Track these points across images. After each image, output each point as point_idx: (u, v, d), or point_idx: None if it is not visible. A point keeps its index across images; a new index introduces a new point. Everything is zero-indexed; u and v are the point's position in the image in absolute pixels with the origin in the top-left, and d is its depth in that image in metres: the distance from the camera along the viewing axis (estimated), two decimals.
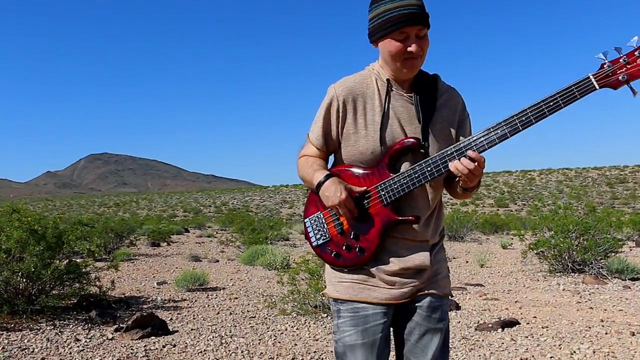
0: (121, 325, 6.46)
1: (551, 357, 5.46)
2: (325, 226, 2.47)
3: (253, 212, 68.12)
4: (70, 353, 5.55)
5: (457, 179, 2.37)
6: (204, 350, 5.73)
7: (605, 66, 2.17)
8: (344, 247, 2.42)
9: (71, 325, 6.65)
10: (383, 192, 2.36)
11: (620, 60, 2.17)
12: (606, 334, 6.33)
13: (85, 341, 5.99)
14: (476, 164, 2.26)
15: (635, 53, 2.15)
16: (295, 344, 5.95)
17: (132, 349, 5.69)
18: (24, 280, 6.99)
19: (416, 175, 2.33)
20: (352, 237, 2.41)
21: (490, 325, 6.64)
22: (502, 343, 5.99)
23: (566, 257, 11.11)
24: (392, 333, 2.50)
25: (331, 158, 2.58)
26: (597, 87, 2.16)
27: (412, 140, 2.35)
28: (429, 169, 2.32)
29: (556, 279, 10.56)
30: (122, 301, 8.11)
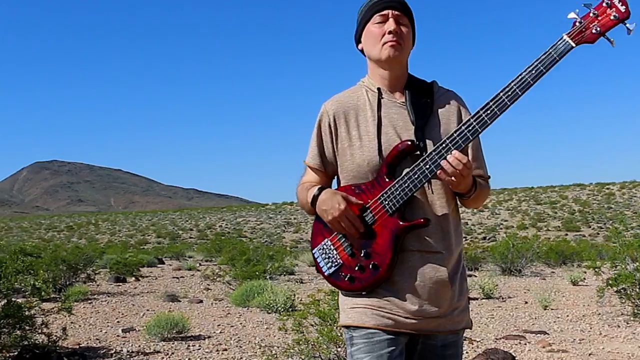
0: None
1: None
2: (335, 252, 2.87)
3: (247, 237, 68.23)
4: None
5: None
6: None
7: (577, 23, 2.62)
8: (356, 269, 2.79)
9: None
10: (386, 202, 2.76)
11: (590, 14, 2.62)
12: None
13: None
14: (464, 161, 2.65)
15: (603, 4, 2.60)
16: None
17: None
18: None
19: (416, 176, 2.71)
20: (363, 256, 2.79)
21: None
22: None
23: None
24: None
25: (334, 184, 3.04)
26: (573, 44, 2.61)
27: (406, 143, 2.76)
28: (427, 166, 2.70)
29: None
30: (77, 354, 8.14)
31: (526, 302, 14.09)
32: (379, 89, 2.92)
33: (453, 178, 2.65)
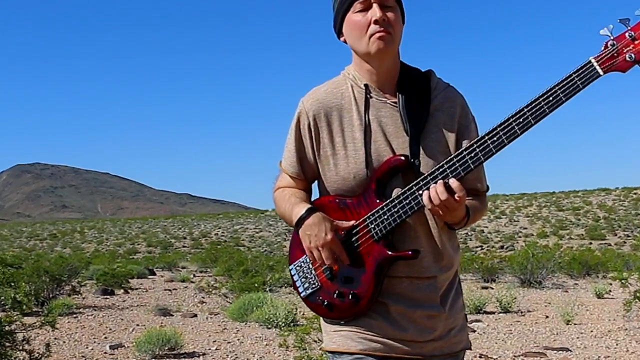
0: None
1: None
2: (313, 272, 2.75)
3: (245, 246, 68.26)
4: None
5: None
6: None
7: (609, 45, 2.35)
8: (335, 295, 2.68)
9: None
10: (373, 226, 2.61)
11: (626, 35, 2.34)
12: None
13: None
14: (455, 195, 2.47)
15: None
16: None
17: None
18: None
19: (407, 201, 2.56)
20: (343, 282, 2.67)
21: None
22: None
23: None
24: None
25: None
26: (601, 72, 2.35)
27: (399, 159, 2.59)
28: (420, 192, 2.53)
29: None
30: None
31: (547, 317, 14.08)
32: (366, 85, 2.71)
33: (440, 212, 2.51)
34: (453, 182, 2.47)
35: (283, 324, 12.16)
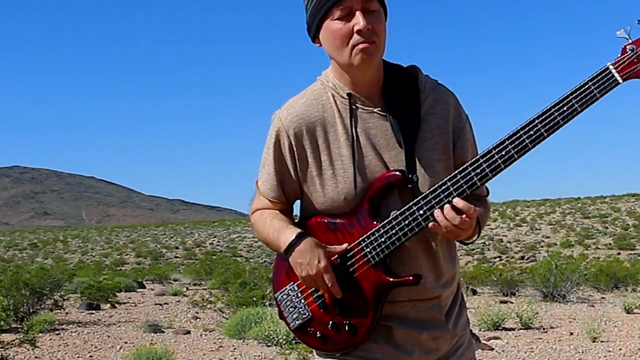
0: None
1: None
2: (303, 301, 2.71)
3: (243, 256, 68.27)
4: None
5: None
6: None
7: (628, 49, 2.32)
8: (329, 327, 2.64)
9: None
10: (368, 249, 2.57)
11: None
12: None
13: None
14: (463, 216, 2.45)
15: None
16: None
17: None
18: None
19: (406, 222, 2.52)
20: (337, 311, 2.63)
21: None
22: None
23: None
24: None
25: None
26: (620, 80, 2.33)
27: (394, 174, 2.55)
28: (421, 211, 2.51)
29: None
30: None
31: (572, 334, 14.06)
32: (349, 94, 2.62)
33: (453, 235, 2.52)
34: (458, 202, 2.45)
35: (284, 342, 12.14)
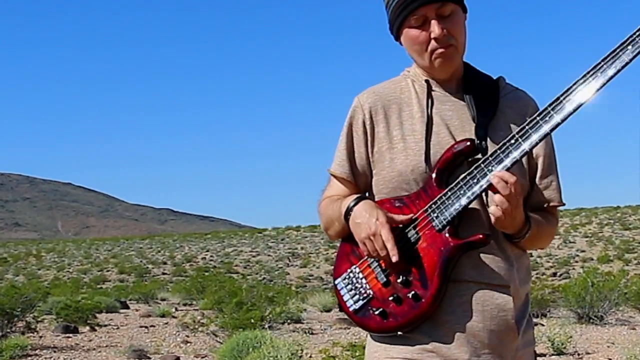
0: None
1: None
2: (364, 281, 2.87)
3: (239, 273, 68.13)
4: None
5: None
6: None
7: None
8: (391, 299, 2.78)
9: None
10: (434, 215, 2.75)
11: None
12: None
13: None
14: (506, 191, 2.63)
15: None
16: None
17: None
18: None
19: (475, 180, 2.71)
20: (400, 284, 2.78)
21: None
22: None
23: None
24: None
25: None
26: None
27: (464, 142, 2.77)
28: (489, 168, 2.69)
29: None
30: None
31: (610, 359, 14.17)
32: (427, 81, 2.93)
33: (508, 204, 2.62)
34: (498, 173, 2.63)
35: None
